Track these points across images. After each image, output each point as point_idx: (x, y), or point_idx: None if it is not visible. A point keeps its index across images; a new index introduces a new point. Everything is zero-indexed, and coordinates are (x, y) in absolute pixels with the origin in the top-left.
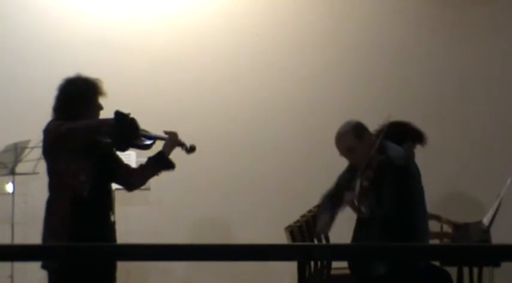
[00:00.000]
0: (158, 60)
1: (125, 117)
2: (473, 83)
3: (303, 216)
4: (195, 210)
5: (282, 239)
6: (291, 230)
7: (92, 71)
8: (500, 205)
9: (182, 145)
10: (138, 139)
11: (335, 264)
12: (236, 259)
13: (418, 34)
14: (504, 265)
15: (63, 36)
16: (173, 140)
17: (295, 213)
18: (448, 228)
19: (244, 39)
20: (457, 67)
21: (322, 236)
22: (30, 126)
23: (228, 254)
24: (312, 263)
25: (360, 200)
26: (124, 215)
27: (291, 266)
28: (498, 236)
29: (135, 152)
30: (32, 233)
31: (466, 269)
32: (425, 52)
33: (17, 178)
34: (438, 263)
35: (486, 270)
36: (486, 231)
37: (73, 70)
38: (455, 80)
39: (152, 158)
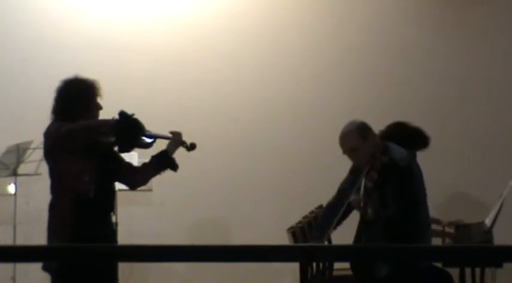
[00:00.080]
0: (159, 60)
1: (129, 117)
2: (474, 83)
3: (305, 217)
4: (197, 211)
5: (284, 240)
6: (293, 231)
7: (93, 71)
8: (502, 206)
9: (183, 143)
10: (141, 139)
11: (337, 265)
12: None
13: (419, 34)
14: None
15: (63, 36)
16: (177, 140)
17: (297, 214)
18: (450, 229)
19: (245, 39)
20: (459, 67)
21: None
22: (30, 126)
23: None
24: (314, 264)
25: (365, 201)
26: (127, 216)
27: (293, 266)
28: (500, 237)
29: (137, 152)
30: (34, 234)
31: (468, 270)
32: (426, 52)
33: (19, 179)
34: (440, 264)
35: (488, 271)
36: (488, 232)
37: (73, 70)
38: (456, 80)
39: (156, 157)
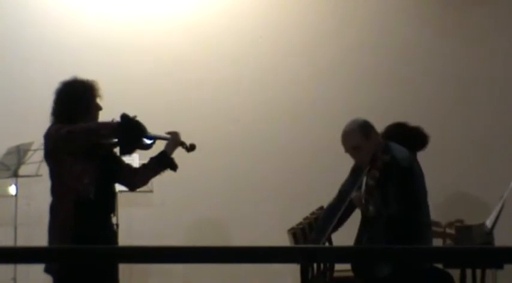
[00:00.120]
0: (160, 60)
1: (131, 120)
2: (474, 83)
3: (306, 218)
4: (198, 212)
5: (285, 241)
6: (294, 232)
7: (93, 72)
8: (503, 207)
9: (183, 144)
10: (143, 141)
11: (338, 267)
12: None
13: (420, 34)
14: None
15: (63, 36)
16: (175, 140)
17: (297, 215)
18: (451, 230)
19: (246, 40)
20: (459, 67)
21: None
22: (31, 127)
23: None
24: (315, 265)
25: (366, 198)
26: (127, 217)
27: (294, 267)
28: (501, 238)
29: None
30: (35, 235)
31: (469, 271)
32: (426, 52)
33: (20, 180)
34: (441, 265)
35: (489, 272)
36: (489, 233)
37: (74, 70)
38: (456, 80)
39: (155, 158)
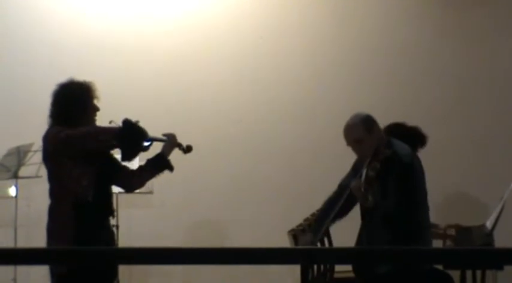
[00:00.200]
0: (161, 62)
1: (133, 126)
2: (474, 83)
3: (306, 220)
4: (198, 213)
5: (285, 242)
6: (294, 233)
7: (94, 73)
8: (503, 208)
9: (179, 146)
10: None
11: (338, 268)
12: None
13: (420, 34)
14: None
15: (64, 37)
16: (172, 142)
17: (299, 216)
18: (451, 231)
19: (247, 41)
20: (459, 67)
21: (325, 238)
22: (31, 128)
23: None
24: (315, 266)
25: (366, 188)
26: (127, 218)
27: (294, 268)
28: (501, 239)
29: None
30: (35, 236)
31: (469, 272)
32: (427, 52)
33: (20, 181)
34: (441, 266)
35: (489, 274)
36: (489, 235)
37: (74, 71)
38: (456, 80)
39: (152, 160)
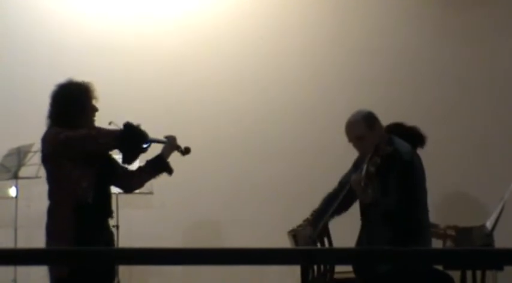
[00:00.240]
0: (161, 62)
1: (134, 129)
2: (474, 83)
3: (306, 220)
4: (198, 214)
5: (285, 242)
6: (294, 234)
7: (94, 73)
8: (503, 208)
9: (178, 148)
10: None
11: (338, 268)
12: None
13: (420, 35)
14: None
15: (64, 37)
16: (172, 144)
17: (300, 217)
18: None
19: (247, 41)
20: (459, 67)
21: (325, 239)
22: (31, 129)
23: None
24: (315, 267)
25: (366, 183)
26: (127, 219)
27: (294, 268)
28: (501, 240)
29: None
30: (35, 237)
31: (469, 273)
32: (427, 53)
33: (20, 182)
34: (441, 267)
35: (489, 274)
36: (489, 235)
37: (74, 72)
38: (457, 80)
39: (151, 161)
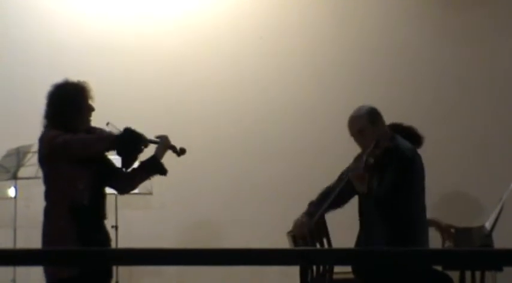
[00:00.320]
0: (161, 62)
1: (133, 133)
2: (474, 83)
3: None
4: (198, 214)
5: (285, 243)
6: (293, 234)
7: (94, 73)
8: (502, 209)
9: (173, 148)
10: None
11: (337, 269)
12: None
13: (420, 35)
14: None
15: (64, 38)
16: (165, 144)
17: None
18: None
19: (247, 41)
20: (459, 67)
21: (324, 240)
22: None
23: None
24: (314, 267)
25: (363, 174)
26: (127, 219)
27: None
28: (500, 240)
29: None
30: (34, 237)
31: (468, 273)
32: (427, 53)
33: (19, 182)
34: (440, 267)
35: (488, 275)
36: (488, 236)
37: (74, 72)
38: (456, 80)
39: (145, 162)
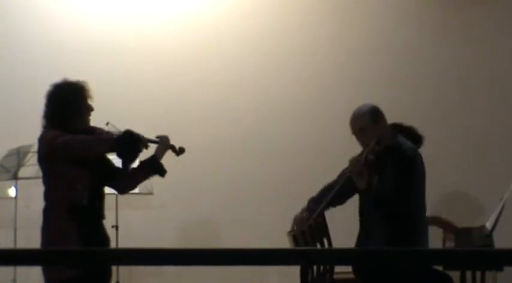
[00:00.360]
0: (161, 62)
1: (132, 136)
2: (474, 83)
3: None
4: (198, 214)
5: (285, 243)
6: (294, 234)
7: (94, 73)
8: (503, 209)
9: (172, 147)
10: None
11: (338, 269)
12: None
13: (420, 35)
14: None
15: (64, 38)
16: (165, 144)
17: None
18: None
19: (247, 41)
20: (459, 67)
21: (324, 240)
22: (31, 129)
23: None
24: (315, 267)
25: (363, 169)
26: (127, 219)
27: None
28: (501, 240)
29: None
30: (34, 237)
31: (469, 273)
32: (427, 53)
33: (20, 182)
34: (441, 267)
35: (489, 275)
36: (489, 236)
37: (74, 72)
38: (457, 80)
39: (145, 162)
